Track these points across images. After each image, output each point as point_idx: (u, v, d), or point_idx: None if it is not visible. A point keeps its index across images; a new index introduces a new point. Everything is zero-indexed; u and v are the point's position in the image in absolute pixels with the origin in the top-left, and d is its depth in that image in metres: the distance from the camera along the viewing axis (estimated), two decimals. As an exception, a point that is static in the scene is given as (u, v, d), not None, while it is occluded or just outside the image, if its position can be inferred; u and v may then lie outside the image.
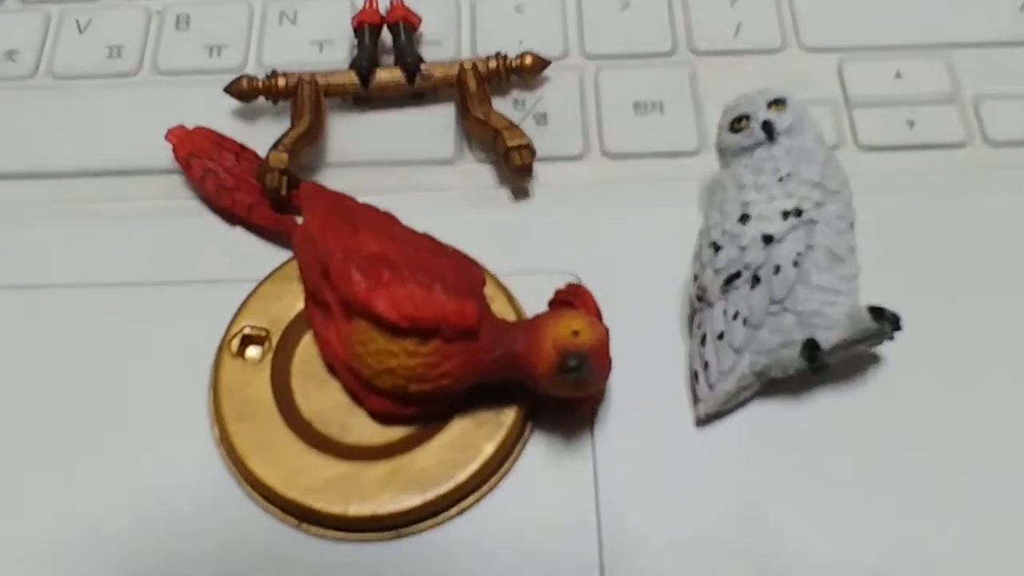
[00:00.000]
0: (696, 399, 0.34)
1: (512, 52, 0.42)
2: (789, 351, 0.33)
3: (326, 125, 0.40)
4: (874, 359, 0.35)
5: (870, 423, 0.34)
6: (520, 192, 0.39)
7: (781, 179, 0.34)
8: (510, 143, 0.38)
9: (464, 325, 0.32)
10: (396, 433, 0.34)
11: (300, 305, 0.36)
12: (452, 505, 0.33)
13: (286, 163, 0.37)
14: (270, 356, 0.35)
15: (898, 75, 0.42)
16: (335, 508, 0.32)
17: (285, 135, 0.38)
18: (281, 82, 0.40)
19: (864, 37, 0.43)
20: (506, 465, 0.34)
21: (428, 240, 0.35)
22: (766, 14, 0.43)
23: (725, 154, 0.36)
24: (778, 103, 0.35)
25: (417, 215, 0.36)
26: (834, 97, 0.41)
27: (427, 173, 0.40)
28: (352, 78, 0.40)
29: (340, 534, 0.33)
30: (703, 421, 0.34)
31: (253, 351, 0.35)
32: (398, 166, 0.40)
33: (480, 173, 0.40)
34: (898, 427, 0.34)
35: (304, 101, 0.39)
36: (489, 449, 0.33)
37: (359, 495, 0.32)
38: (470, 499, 0.33)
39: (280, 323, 0.36)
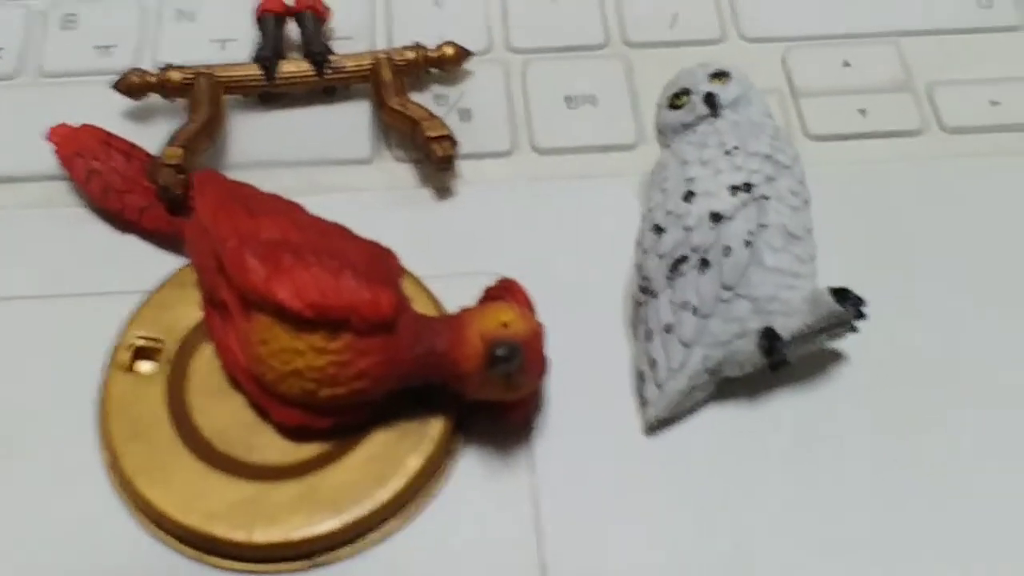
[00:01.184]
0: (644, 402, 0.31)
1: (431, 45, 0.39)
2: (745, 342, 0.30)
3: (227, 122, 0.37)
4: (834, 356, 0.32)
5: (834, 424, 0.31)
6: (444, 191, 0.36)
7: (728, 152, 0.31)
8: (430, 133, 0.35)
9: (379, 315, 0.28)
10: (308, 450, 0.30)
11: (199, 313, 0.32)
12: (373, 528, 0.29)
13: (181, 158, 0.34)
14: (166, 369, 0.31)
15: (846, 64, 0.40)
16: (239, 534, 0.29)
17: (180, 130, 0.35)
18: (176, 76, 0.37)
19: (808, 26, 0.41)
20: (434, 482, 0.30)
21: (337, 227, 0.31)
22: (704, 4, 0.41)
23: (665, 133, 0.34)
24: (721, 75, 0.33)
25: (331, 218, 0.33)
26: (779, 87, 0.39)
27: (342, 173, 0.37)
28: (255, 71, 0.37)
29: (246, 565, 0.29)
30: (653, 427, 0.31)
31: (146, 365, 0.32)
32: (310, 166, 0.37)
33: (400, 172, 0.37)
34: (863, 427, 0.31)
35: (201, 95, 0.36)
36: (414, 464, 0.30)
37: (266, 519, 0.29)
38: (393, 521, 0.29)
39: (176, 333, 0.32)
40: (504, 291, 0.31)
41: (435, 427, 0.30)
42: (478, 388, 0.29)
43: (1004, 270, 0.34)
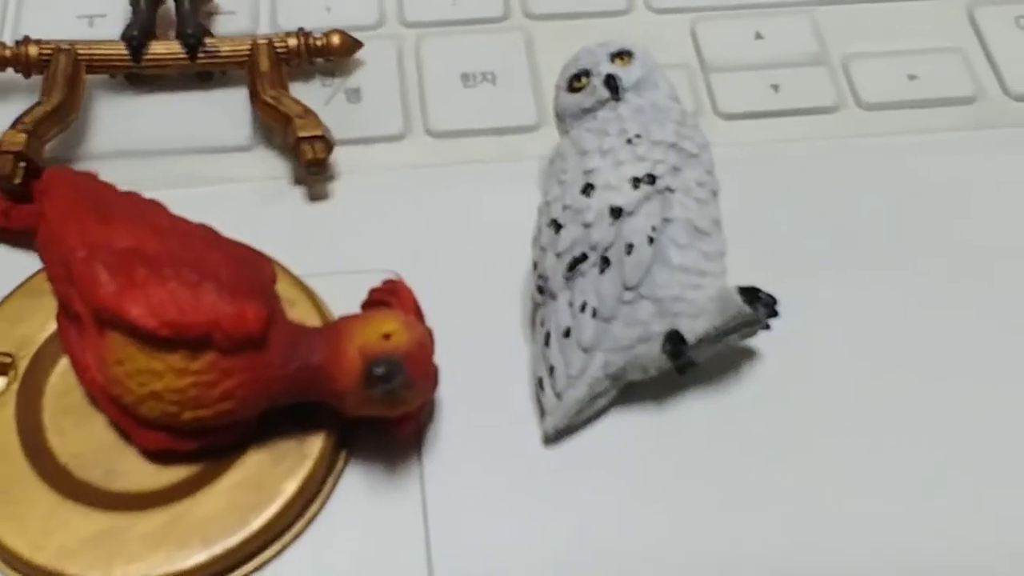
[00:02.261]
0: (543, 412, 0.29)
1: (318, 23, 0.36)
2: (648, 347, 0.28)
3: (84, 105, 0.34)
4: (746, 352, 0.31)
5: (746, 425, 0.30)
6: (327, 181, 0.34)
7: (629, 141, 0.29)
8: (302, 133, 0.33)
9: (244, 332, 0.25)
10: (175, 475, 0.28)
11: (54, 324, 0.29)
12: (247, 559, 0.27)
13: (23, 145, 0.31)
14: (15, 387, 0.29)
15: (758, 36, 0.38)
16: (94, 574, 0.26)
17: (26, 113, 0.32)
18: (33, 51, 0.34)
19: (719, -4, 0.39)
20: (314, 506, 0.28)
21: (203, 231, 0.29)
22: (611, -27, 0.39)
23: (564, 118, 0.31)
24: (623, 56, 0.31)
25: (205, 212, 0.30)
26: (688, 62, 0.37)
27: (218, 162, 0.34)
28: (121, 49, 0.34)
29: None
30: (552, 438, 0.29)
31: None
32: (183, 155, 0.34)
33: (282, 162, 0.34)
34: (777, 426, 0.30)
35: (57, 74, 0.33)
36: (291, 488, 0.27)
37: (126, 555, 0.26)
38: (269, 551, 0.27)
39: (28, 347, 0.29)
40: (389, 294, 0.28)
41: (314, 445, 0.28)
42: (358, 406, 0.27)
43: (925, 256, 0.33)
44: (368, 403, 0.26)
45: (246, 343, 0.26)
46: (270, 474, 0.27)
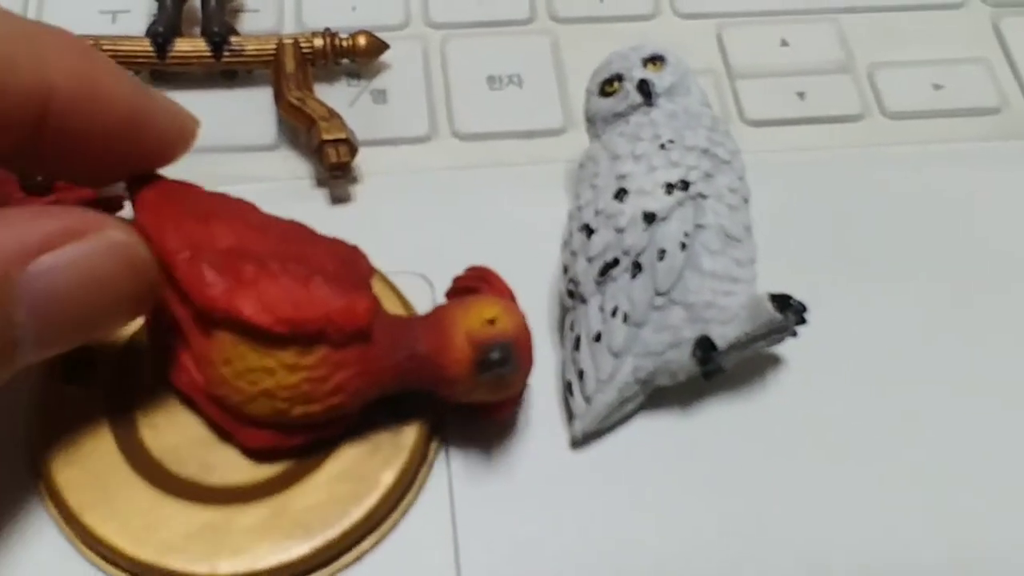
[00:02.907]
0: (571, 416, 0.29)
1: (344, 22, 0.36)
2: (679, 352, 0.28)
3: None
4: (772, 359, 0.30)
5: (770, 430, 0.29)
6: (351, 183, 0.33)
7: (663, 146, 0.29)
8: (326, 136, 0.32)
9: (355, 324, 0.25)
10: (271, 468, 0.27)
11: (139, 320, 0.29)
12: (346, 550, 0.27)
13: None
14: (105, 383, 0.28)
15: (784, 42, 0.38)
16: (200, 567, 0.26)
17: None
18: (58, 48, 0.33)
19: (745, 2, 0.39)
20: (409, 496, 0.28)
21: (297, 226, 0.28)
22: (635, -24, 0.39)
23: (595, 123, 0.31)
24: (656, 60, 0.30)
25: None
26: (715, 67, 0.37)
27: (240, 162, 0.34)
28: (145, 46, 0.34)
29: None
30: (580, 441, 0.29)
31: (81, 378, 0.28)
32: (208, 153, 0.33)
33: (306, 162, 0.34)
34: (801, 436, 0.29)
35: None
36: (388, 478, 0.27)
37: (230, 548, 0.26)
38: (367, 541, 0.27)
39: (115, 342, 0.29)
40: (479, 280, 0.28)
41: (409, 436, 0.28)
42: (467, 392, 0.27)
43: (948, 265, 0.33)
44: (476, 388, 0.26)
45: (357, 336, 0.26)
46: (367, 465, 0.27)
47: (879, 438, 0.29)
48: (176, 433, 0.28)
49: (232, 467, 0.27)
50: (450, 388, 0.27)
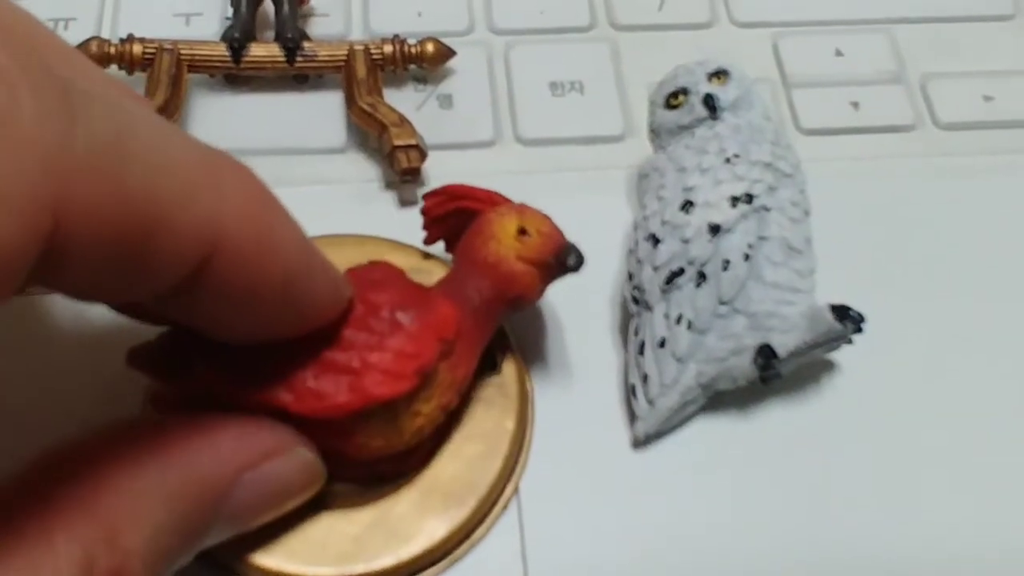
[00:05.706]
0: (634, 417, 0.30)
1: (410, 28, 0.37)
2: (740, 359, 0.29)
3: (185, 103, 0.35)
4: (827, 365, 0.31)
5: (826, 434, 0.30)
6: (419, 187, 0.34)
7: (728, 160, 0.30)
8: (397, 142, 0.33)
9: (453, 328, 0.26)
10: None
11: None
12: (495, 503, 0.29)
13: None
14: None
15: (838, 53, 0.38)
16: (386, 560, 0.27)
17: (135, 112, 0.33)
18: (137, 48, 0.35)
19: (800, 12, 0.39)
20: (527, 439, 0.30)
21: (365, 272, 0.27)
22: (693, -14, 0.40)
23: (660, 134, 0.32)
24: (720, 75, 0.31)
25: (297, 213, 0.30)
26: (771, 76, 0.38)
27: (311, 164, 0.35)
28: (222, 51, 0.35)
29: None
30: (641, 442, 0.30)
31: None
32: (278, 155, 0.35)
33: (374, 165, 0.35)
34: (856, 440, 0.30)
35: (161, 74, 0.34)
36: (510, 426, 0.29)
37: (401, 536, 0.27)
38: (508, 490, 0.29)
39: None
40: (462, 199, 0.29)
41: (510, 378, 0.29)
42: (541, 294, 0.28)
43: (1000, 275, 0.33)
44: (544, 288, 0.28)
45: (458, 334, 0.26)
46: (487, 419, 0.29)
47: (933, 442, 0.30)
48: None
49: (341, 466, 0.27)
50: (528, 302, 0.28)
